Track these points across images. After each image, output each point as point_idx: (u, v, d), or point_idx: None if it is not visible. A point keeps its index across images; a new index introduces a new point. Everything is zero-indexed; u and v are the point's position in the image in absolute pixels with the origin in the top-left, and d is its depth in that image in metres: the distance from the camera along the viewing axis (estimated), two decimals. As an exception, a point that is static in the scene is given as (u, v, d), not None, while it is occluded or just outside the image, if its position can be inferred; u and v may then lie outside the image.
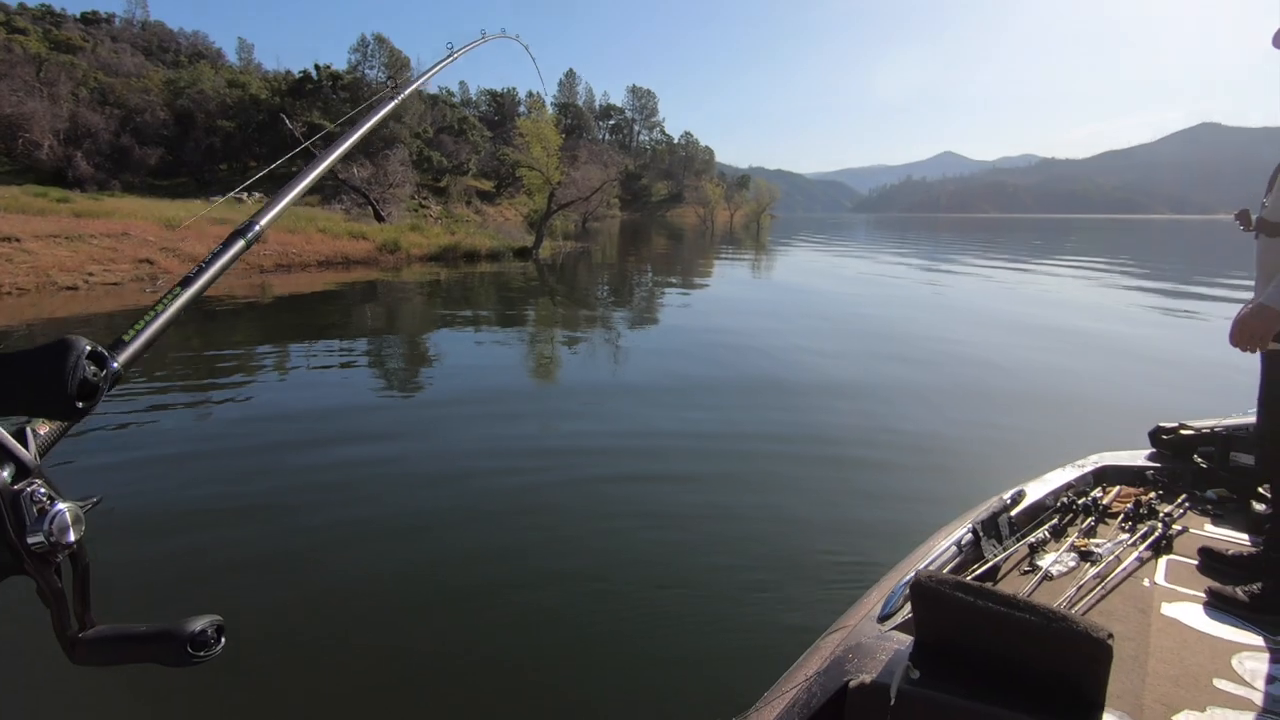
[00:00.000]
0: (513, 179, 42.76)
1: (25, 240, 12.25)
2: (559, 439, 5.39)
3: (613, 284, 17.39)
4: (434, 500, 4.22)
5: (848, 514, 4.08)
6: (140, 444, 5.09)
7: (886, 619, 1.62)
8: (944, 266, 23.14)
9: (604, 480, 4.53)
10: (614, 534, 3.79)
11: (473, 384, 7.07)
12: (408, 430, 5.59)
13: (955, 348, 8.97)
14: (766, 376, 7.36)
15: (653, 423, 5.76)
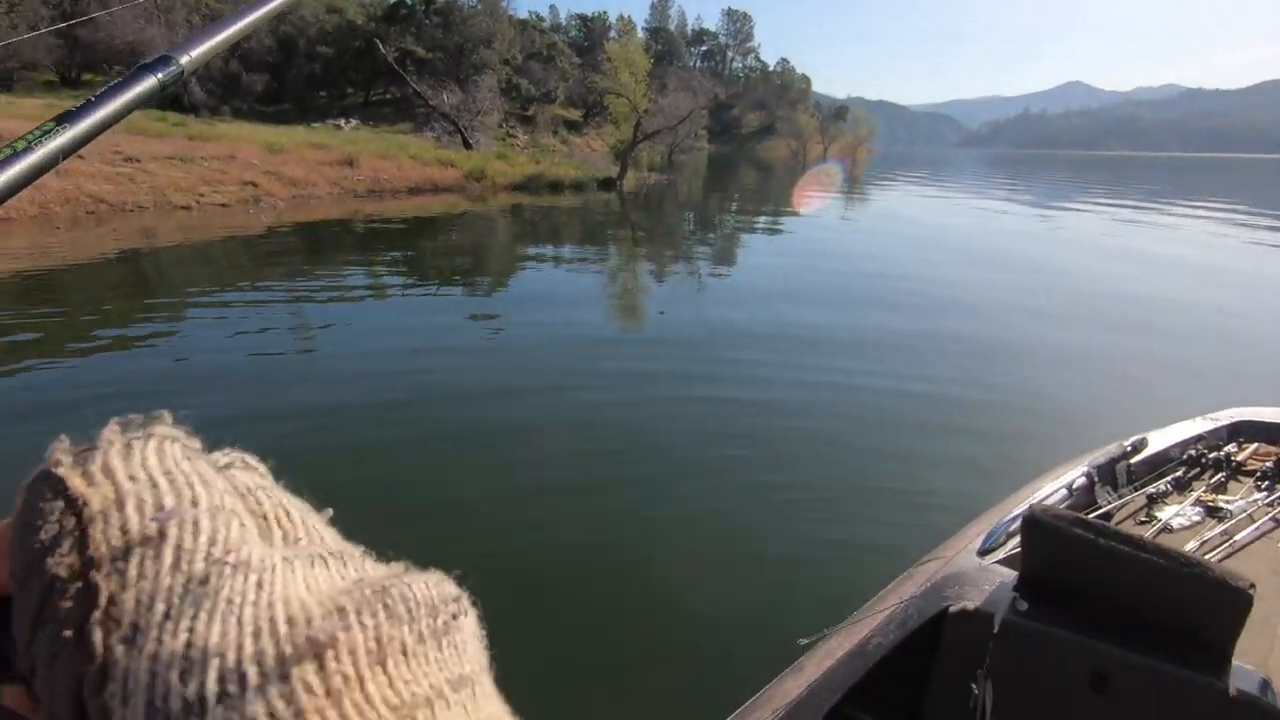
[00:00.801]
0: (600, 108, 42.04)
1: (145, 161, 13.09)
2: (642, 365, 5.36)
3: (696, 219, 16.98)
4: (517, 423, 4.30)
5: (950, 450, 4.02)
6: (238, 355, 5.42)
7: (988, 553, 1.61)
8: (1061, 205, 21.24)
9: (698, 403, 4.59)
10: (704, 458, 3.85)
11: (548, 316, 7.09)
12: (484, 352, 5.69)
13: (1071, 282, 8.26)
14: (864, 313, 7.02)
15: (743, 351, 5.66)
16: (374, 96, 48.16)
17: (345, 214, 13.49)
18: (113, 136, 13.92)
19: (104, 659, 0.13)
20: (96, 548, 0.14)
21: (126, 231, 10.29)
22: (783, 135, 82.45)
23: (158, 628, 0.14)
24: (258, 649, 0.13)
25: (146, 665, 0.13)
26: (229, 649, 0.13)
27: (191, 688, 0.13)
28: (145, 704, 0.13)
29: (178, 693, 0.13)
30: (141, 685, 0.13)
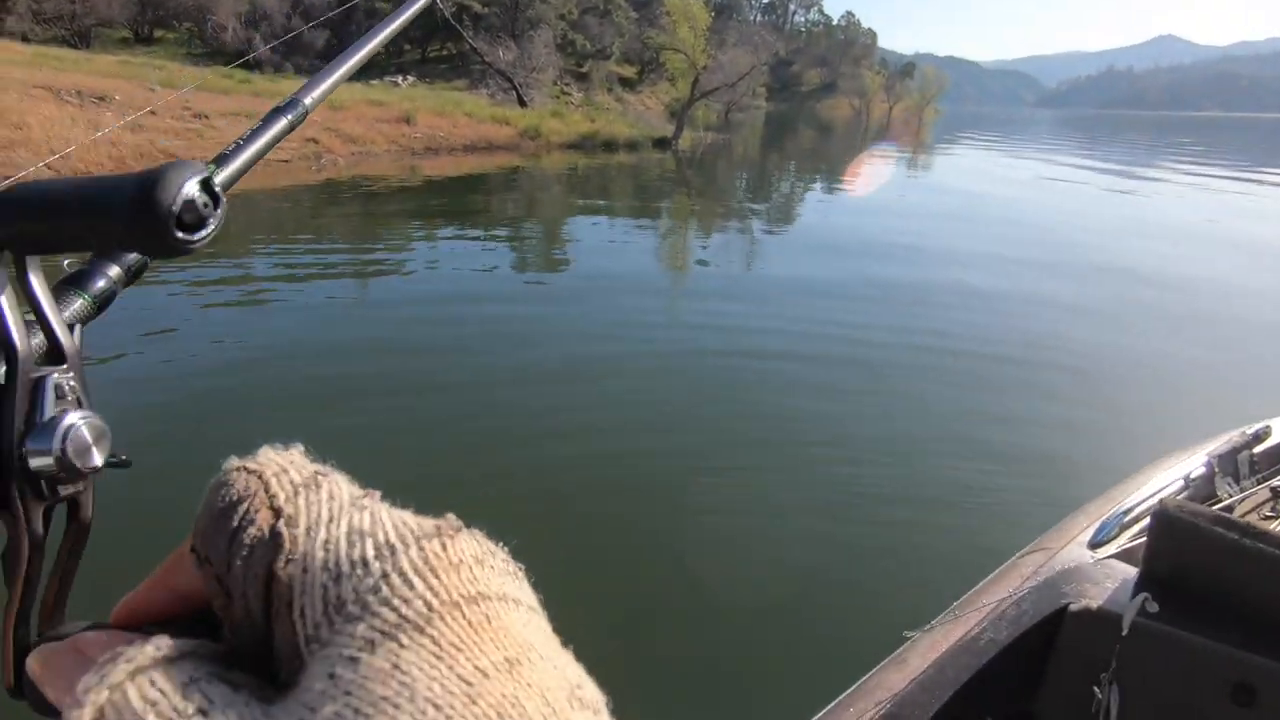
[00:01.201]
0: (656, 65, 41.05)
1: (213, 117, 13.39)
2: (709, 329, 5.27)
3: (752, 181, 16.51)
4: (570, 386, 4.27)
5: (1051, 435, 3.82)
6: (292, 307, 5.51)
7: (1099, 546, 1.53)
8: (1151, 174, 19.85)
9: (776, 372, 4.49)
10: (791, 434, 3.75)
11: (601, 271, 7.00)
12: (538, 309, 5.67)
13: (1174, 265, 7.71)
14: (947, 284, 6.70)
15: (817, 318, 5.52)
16: (430, 53, 48.13)
17: (402, 171, 13.59)
18: (181, 93, 14.26)
19: (290, 546, 0.18)
20: (276, 491, 0.19)
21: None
22: (845, 93, 79.23)
23: (326, 525, 0.19)
24: (400, 532, 0.19)
25: (320, 543, 0.18)
26: (379, 532, 0.19)
27: (356, 552, 0.18)
28: (321, 568, 0.18)
29: (346, 556, 0.18)
30: (318, 558, 0.18)
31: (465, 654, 0.17)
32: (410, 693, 0.16)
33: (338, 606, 0.17)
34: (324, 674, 0.16)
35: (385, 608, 0.17)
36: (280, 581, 0.18)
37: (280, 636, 0.18)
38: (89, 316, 0.41)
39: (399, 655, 0.16)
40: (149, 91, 13.78)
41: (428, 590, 0.18)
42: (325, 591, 0.17)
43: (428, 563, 0.18)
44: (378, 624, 0.17)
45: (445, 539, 0.19)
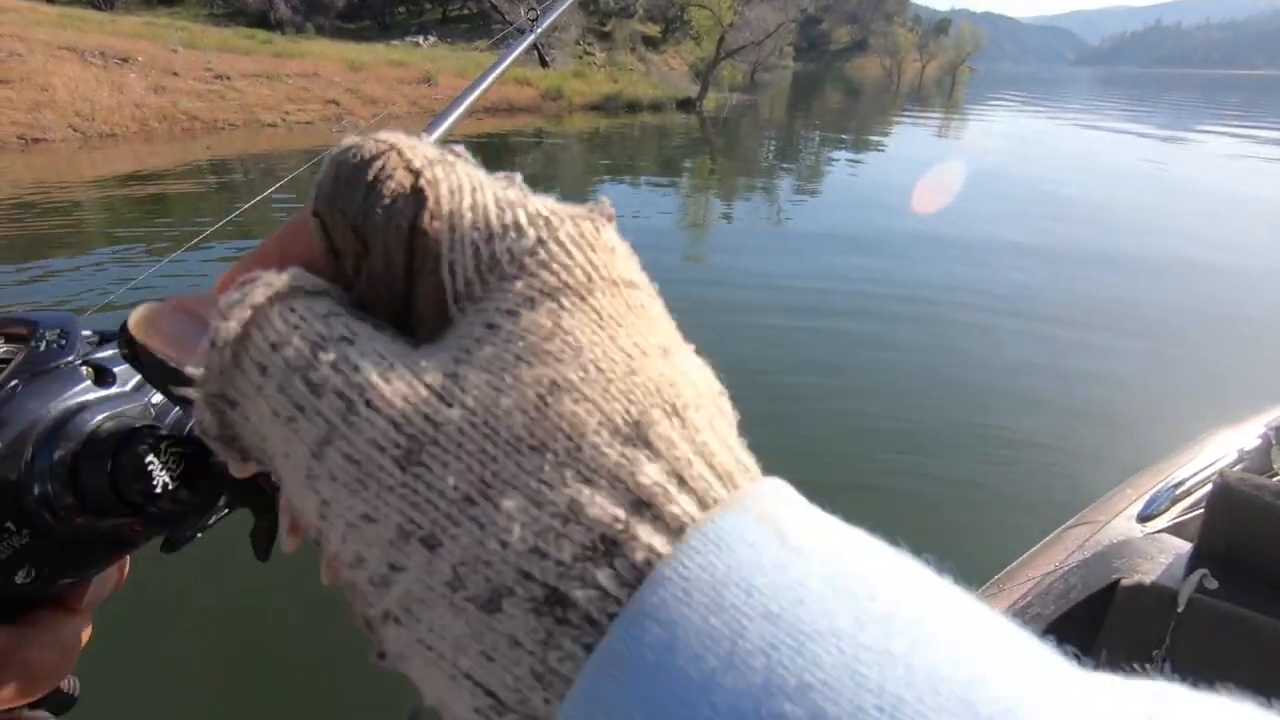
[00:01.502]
0: (680, 24, 39.94)
1: (234, 79, 13.34)
2: (737, 292, 5.15)
3: (778, 144, 16.11)
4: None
5: (1097, 404, 3.71)
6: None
7: (1148, 520, 1.48)
8: (1201, 135, 18.99)
9: (809, 333, 4.42)
10: (827, 397, 3.67)
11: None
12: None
13: (1236, 225, 7.38)
14: (991, 245, 6.49)
15: (850, 284, 5.37)
16: (451, 12, 47.36)
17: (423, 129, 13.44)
18: (202, 54, 14.22)
19: (433, 201, 0.17)
20: (410, 156, 0.18)
21: (220, 147, 10.61)
22: (875, 52, 76.62)
23: (470, 191, 0.17)
24: (551, 207, 0.18)
25: (467, 205, 0.17)
26: (529, 202, 0.18)
27: (508, 216, 0.17)
28: (470, 225, 0.17)
29: (497, 219, 0.17)
30: (466, 217, 0.17)
31: (625, 330, 0.16)
32: (573, 351, 0.15)
33: (491, 265, 0.17)
34: (480, 324, 0.16)
35: (544, 270, 0.17)
36: (426, 236, 0.17)
37: (423, 294, 0.17)
38: None
39: (560, 316, 0.16)
40: (171, 53, 13.74)
41: (587, 263, 0.17)
42: (477, 249, 0.17)
43: (585, 238, 0.17)
44: (537, 284, 0.16)
45: (599, 222, 0.18)
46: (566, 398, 0.15)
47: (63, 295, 4.86)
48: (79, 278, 5.20)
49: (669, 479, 0.15)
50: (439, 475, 0.15)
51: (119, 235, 6.33)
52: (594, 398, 0.15)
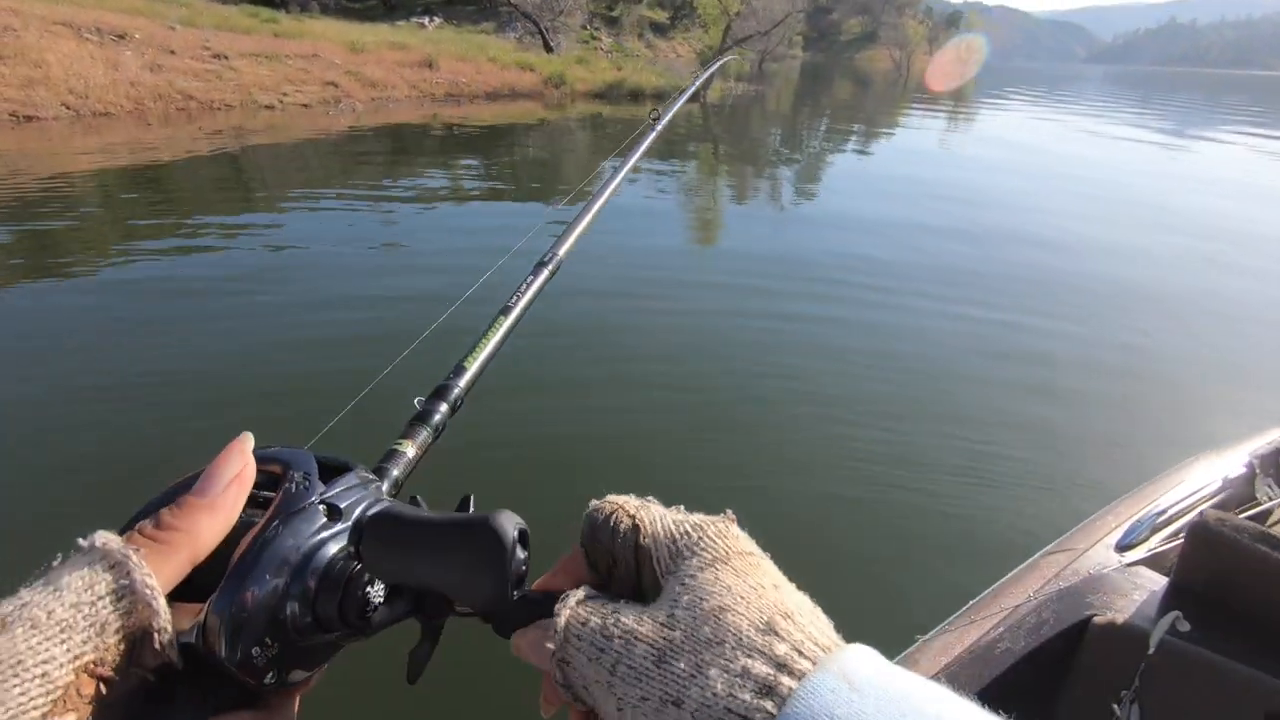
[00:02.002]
0: (688, 10, 39.52)
1: (232, 58, 13.18)
2: (720, 293, 5.09)
3: (782, 136, 15.94)
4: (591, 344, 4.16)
5: (1083, 424, 3.61)
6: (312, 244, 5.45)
7: (1127, 549, 1.46)
8: (1208, 140, 18.77)
9: (791, 342, 4.33)
10: (799, 410, 3.59)
11: (618, 227, 6.81)
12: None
13: (1228, 237, 7.29)
14: (968, 249, 6.42)
15: (833, 284, 5.28)
16: (459, -5, 46.88)
17: (423, 118, 13.32)
18: (200, 32, 14.03)
19: (645, 529, 0.33)
20: (627, 506, 0.34)
21: (216, 129, 10.50)
22: (885, 44, 75.85)
23: (660, 519, 0.33)
24: (702, 518, 0.34)
25: (660, 528, 0.33)
26: (690, 520, 0.34)
27: (681, 528, 0.33)
28: (664, 537, 0.33)
29: (676, 530, 0.33)
30: (661, 534, 0.33)
31: (751, 577, 0.30)
32: (727, 589, 0.29)
33: (676, 554, 0.32)
34: (676, 585, 0.30)
35: (704, 551, 0.31)
36: (643, 549, 0.33)
37: (646, 578, 0.33)
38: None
39: (718, 574, 0.30)
40: (169, 30, 13.57)
41: (725, 545, 0.32)
42: (669, 548, 0.32)
43: (721, 532, 0.33)
44: (702, 559, 0.31)
45: (727, 523, 0.34)
46: (729, 615, 0.28)
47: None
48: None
49: (791, 651, 0.26)
50: (675, 664, 0.27)
51: (121, 212, 6.25)
52: (743, 612, 0.28)
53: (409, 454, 0.51)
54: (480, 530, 0.34)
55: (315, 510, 0.36)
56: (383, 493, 0.42)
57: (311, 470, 0.38)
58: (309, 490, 0.37)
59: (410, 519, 0.36)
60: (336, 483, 0.38)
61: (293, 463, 0.38)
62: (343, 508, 0.38)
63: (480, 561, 0.33)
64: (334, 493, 0.38)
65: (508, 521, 0.34)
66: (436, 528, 0.35)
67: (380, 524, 0.36)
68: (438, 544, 0.34)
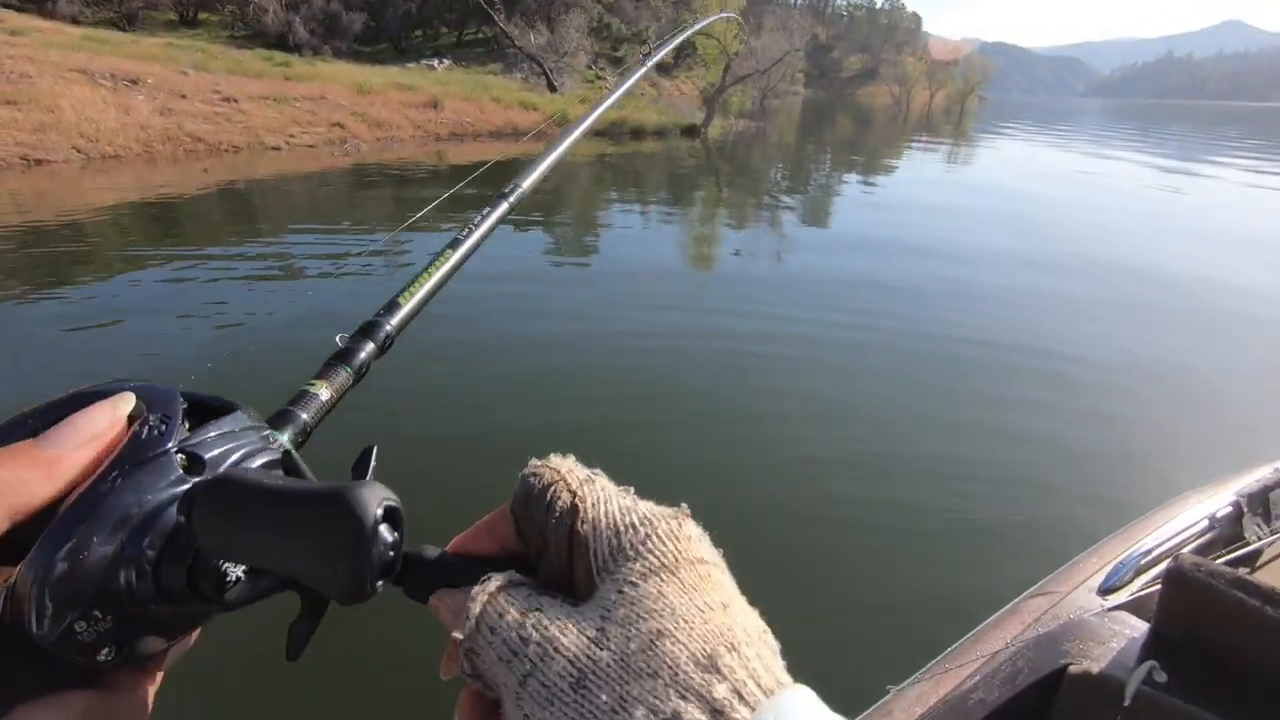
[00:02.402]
0: (691, 50, 40.38)
1: (241, 101, 13.48)
2: (709, 323, 5.05)
3: (782, 172, 16.10)
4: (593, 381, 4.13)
5: (1064, 459, 3.53)
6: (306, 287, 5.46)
7: (1110, 593, 1.43)
8: (1205, 172, 18.85)
9: (778, 377, 4.30)
10: (781, 449, 3.52)
11: (622, 259, 6.83)
12: (562, 292, 5.56)
13: (1214, 273, 7.24)
14: (971, 287, 6.38)
15: (822, 328, 5.22)
16: (466, 36, 48.15)
17: (426, 156, 13.54)
18: (211, 77, 14.40)
19: (584, 512, 0.28)
20: (569, 480, 0.30)
21: (223, 170, 10.68)
22: (886, 80, 77.17)
23: (604, 503, 0.29)
24: (652, 511, 0.29)
25: (603, 513, 0.28)
26: (639, 509, 0.29)
27: (626, 520, 0.28)
28: (605, 526, 0.28)
29: (621, 521, 0.28)
30: (602, 521, 0.28)
31: (699, 593, 0.26)
32: (670, 609, 0.25)
33: (618, 551, 0.28)
34: (614, 589, 0.26)
35: (651, 555, 0.27)
36: (579, 535, 0.28)
37: (579, 570, 0.28)
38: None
39: (662, 586, 0.26)
40: (181, 75, 13.93)
41: (675, 549, 0.28)
42: (610, 542, 0.28)
43: (673, 532, 0.28)
44: (646, 564, 0.27)
45: (680, 520, 0.29)
46: (668, 641, 0.24)
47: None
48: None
49: (731, 694, 0.23)
50: (596, 694, 0.23)
51: (128, 254, 6.32)
52: (684, 640, 0.24)
53: (322, 396, 0.44)
54: (333, 506, 0.27)
55: (170, 460, 0.31)
56: (274, 441, 0.35)
57: (173, 411, 0.32)
58: (165, 435, 0.31)
59: (255, 487, 0.29)
60: (207, 428, 0.33)
61: (150, 401, 0.32)
62: (207, 458, 0.32)
63: (332, 545, 0.27)
64: (200, 440, 0.32)
65: (370, 496, 0.28)
66: (283, 500, 0.28)
67: (216, 492, 0.29)
68: (281, 521, 0.28)
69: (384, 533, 0.28)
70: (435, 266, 0.62)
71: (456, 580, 0.30)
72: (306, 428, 0.42)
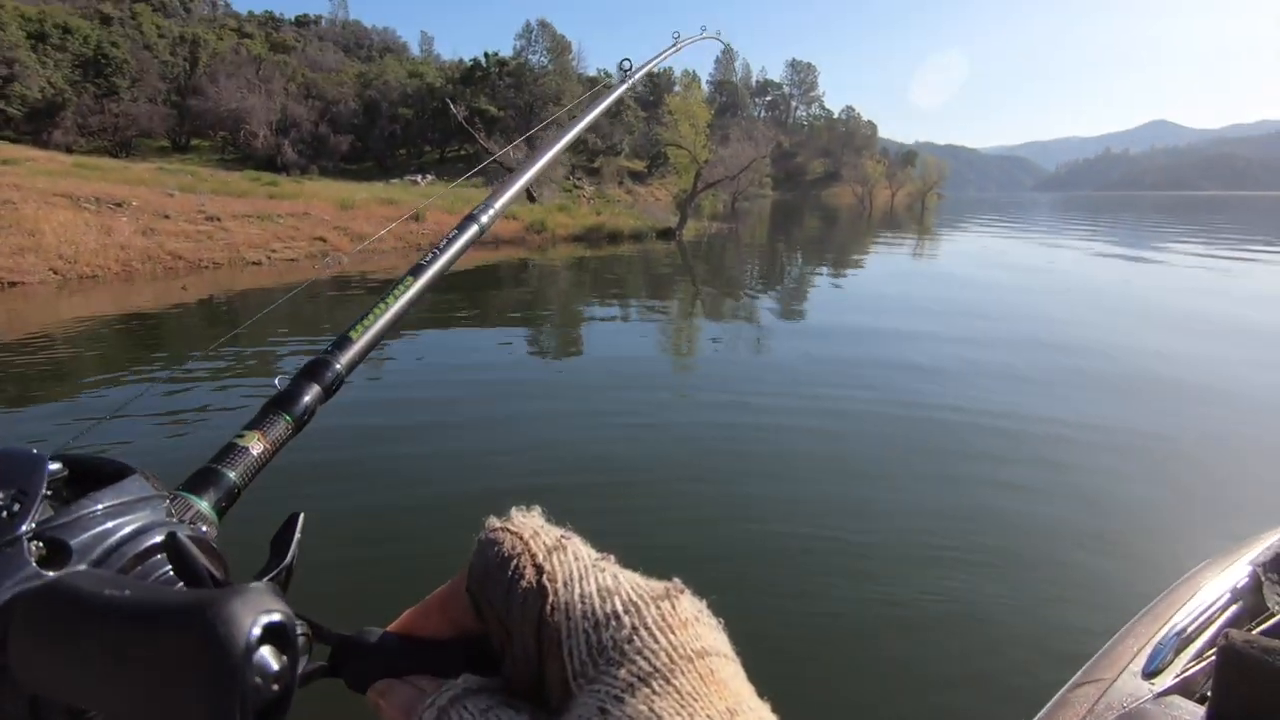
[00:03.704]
0: (664, 159, 42.69)
1: (225, 220, 13.77)
2: (705, 415, 4.93)
3: (754, 270, 16.58)
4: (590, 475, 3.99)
5: (1079, 544, 3.42)
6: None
7: (1154, 675, 1.42)
8: (1152, 253, 19.74)
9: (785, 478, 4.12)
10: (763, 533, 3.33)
11: (589, 367, 6.78)
12: (545, 399, 5.46)
13: (1197, 344, 7.35)
14: (939, 373, 6.38)
15: (812, 415, 5.12)
16: (449, 153, 50.58)
17: (408, 265, 13.73)
18: (197, 198, 14.76)
19: (553, 595, 0.23)
20: (535, 550, 0.25)
21: (201, 285, 10.72)
22: (848, 181, 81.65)
23: (579, 581, 0.24)
24: (639, 592, 0.24)
25: (577, 596, 0.23)
26: (622, 590, 0.24)
27: (607, 606, 0.23)
28: (581, 615, 0.23)
29: (599, 609, 0.23)
30: (577, 608, 0.23)
31: (700, 703, 0.21)
32: None
33: (599, 650, 0.22)
34: (595, 707, 0.21)
35: (640, 657, 0.22)
36: (549, 625, 0.23)
37: (551, 671, 0.23)
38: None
39: (653, 701, 0.21)
40: (167, 197, 14.27)
41: (669, 645, 0.22)
42: (588, 637, 0.23)
43: (665, 620, 0.23)
44: (635, 670, 0.22)
45: (673, 600, 0.24)
46: None
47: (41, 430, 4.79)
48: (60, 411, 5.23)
49: None
50: None
51: (98, 369, 6.16)
52: None
53: (254, 451, 0.38)
54: (188, 627, 0.20)
55: (18, 551, 0.24)
56: (176, 514, 0.29)
57: (32, 483, 0.25)
58: (19, 518, 0.24)
59: (89, 600, 0.21)
60: (81, 504, 0.26)
61: (6, 471, 0.25)
62: (74, 544, 0.25)
63: (185, 682, 0.19)
64: (67, 520, 0.25)
65: (242, 609, 0.20)
66: (127, 618, 0.21)
67: (38, 607, 0.22)
68: (119, 650, 0.20)
69: (264, 659, 0.20)
70: (394, 296, 0.54)
71: (398, 668, 0.26)
72: (234, 490, 0.36)
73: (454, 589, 0.26)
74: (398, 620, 0.28)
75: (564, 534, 0.26)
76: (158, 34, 45.27)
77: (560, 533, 0.26)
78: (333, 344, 0.48)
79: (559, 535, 0.26)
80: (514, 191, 0.83)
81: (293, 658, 0.21)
